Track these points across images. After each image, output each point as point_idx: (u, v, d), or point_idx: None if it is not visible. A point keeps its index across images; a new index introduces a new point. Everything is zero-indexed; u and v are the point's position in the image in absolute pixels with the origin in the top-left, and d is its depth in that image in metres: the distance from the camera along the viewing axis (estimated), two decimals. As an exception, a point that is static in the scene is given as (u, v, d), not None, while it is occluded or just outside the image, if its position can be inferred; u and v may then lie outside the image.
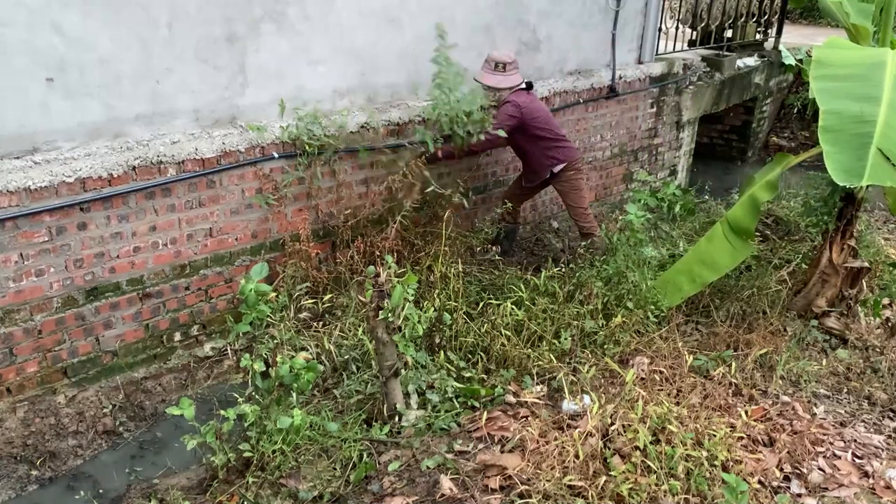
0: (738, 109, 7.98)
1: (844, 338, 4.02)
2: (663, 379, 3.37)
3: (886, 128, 2.96)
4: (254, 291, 2.98)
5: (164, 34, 3.44)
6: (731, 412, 3.19)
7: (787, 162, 4.24)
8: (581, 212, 4.88)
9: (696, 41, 7.44)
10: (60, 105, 3.24)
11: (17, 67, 3.08)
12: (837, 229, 4.07)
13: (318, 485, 2.84)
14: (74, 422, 3.37)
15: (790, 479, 2.85)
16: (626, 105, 6.05)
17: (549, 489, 2.66)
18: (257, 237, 3.98)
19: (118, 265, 3.48)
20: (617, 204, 6.22)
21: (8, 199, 3.06)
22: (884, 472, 2.89)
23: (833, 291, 4.11)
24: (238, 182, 3.81)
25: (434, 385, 3.33)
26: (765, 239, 5.33)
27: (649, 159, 6.58)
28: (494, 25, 4.94)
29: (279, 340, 3.51)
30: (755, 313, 4.13)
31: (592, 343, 3.68)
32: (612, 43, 5.78)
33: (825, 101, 3.08)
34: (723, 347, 3.79)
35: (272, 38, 3.85)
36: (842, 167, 2.90)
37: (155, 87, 3.50)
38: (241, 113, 3.86)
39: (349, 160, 4.25)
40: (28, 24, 3.07)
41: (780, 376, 3.54)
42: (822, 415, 3.30)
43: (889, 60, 3.21)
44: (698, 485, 2.69)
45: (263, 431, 2.94)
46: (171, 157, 3.50)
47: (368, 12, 4.23)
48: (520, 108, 4.47)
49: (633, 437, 2.84)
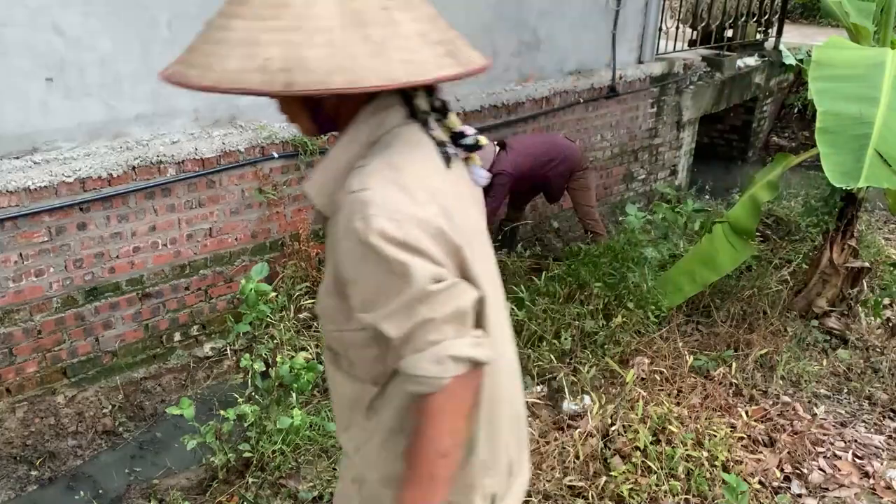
0: (739, 109, 7.97)
1: (845, 338, 4.01)
2: (664, 379, 3.37)
3: (885, 129, 2.95)
4: (254, 291, 2.97)
5: (164, 34, 3.44)
6: (731, 412, 3.18)
7: (787, 162, 4.23)
8: (589, 210, 4.91)
9: (696, 41, 7.43)
10: (60, 105, 3.24)
11: (17, 67, 3.08)
12: (838, 229, 4.07)
13: (318, 485, 2.83)
14: (74, 422, 3.37)
15: (791, 480, 2.85)
16: (626, 105, 6.05)
17: (550, 489, 2.66)
18: (257, 237, 3.98)
19: (118, 265, 3.48)
20: (617, 204, 6.22)
21: (8, 199, 3.06)
22: (884, 473, 2.89)
23: (834, 291, 4.10)
24: (238, 182, 3.80)
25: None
26: (765, 239, 5.32)
27: (649, 159, 6.57)
28: (494, 25, 4.93)
29: (279, 340, 3.51)
30: (756, 313, 4.12)
31: (593, 343, 3.68)
32: (612, 43, 5.78)
33: (823, 103, 3.07)
34: (723, 347, 3.79)
35: (272, 38, 3.84)
36: (839, 169, 2.90)
37: (155, 87, 3.50)
38: (241, 113, 3.85)
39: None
40: (28, 24, 3.06)
41: (780, 376, 3.54)
42: (822, 415, 3.30)
43: (889, 61, 3.21)
44: (699, 485, 2.69)
45: (263, 432, 2.94)
46: (171, 157, 3.50)
47: (368, 12, 4.22)
48: (507, 175, 4.40)
49: (634, 437, 2.84)
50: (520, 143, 4.60)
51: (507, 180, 4.42)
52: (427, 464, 1.20)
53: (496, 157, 4.42)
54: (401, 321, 1.14)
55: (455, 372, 1.14)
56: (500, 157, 4.43)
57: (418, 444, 1.20)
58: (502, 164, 4.41)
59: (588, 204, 4.90)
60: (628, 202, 4.79)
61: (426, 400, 1.17)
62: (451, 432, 1.20)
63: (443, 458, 1.20)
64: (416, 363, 1.15)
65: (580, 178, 4.82)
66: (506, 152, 4.46)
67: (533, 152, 4.57)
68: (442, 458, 1.20)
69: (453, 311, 1.15)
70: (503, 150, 4.48)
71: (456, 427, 1.21)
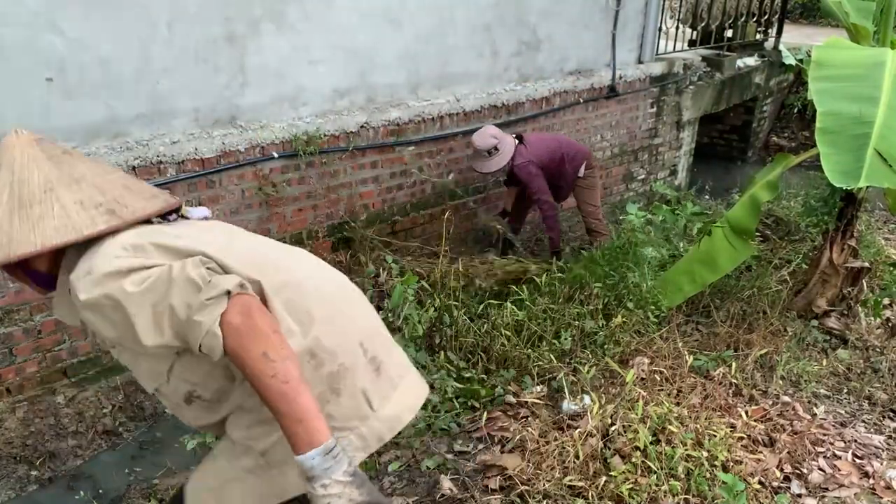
0: (739, 109, 7.98)
1: (845, 338, 4.01)
2: (663, 379, 3.36)
3: (885, 129, 2.95)
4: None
5: (164, 34, 3.44)
6: (731, 412, 3.18)
7: (787, 162, 4.23)
8: (594, 210, 4.96)
9: (696, 41, 7.43)
10: (60, 105, 3.24)
11: (17, 67, 3.08)
12: (838, 229, 4.07)
13: (317, 485, 2.83)
14: (74, 422, 3.37)
15: (790, 480, 2.85)
16: (626, 105, 6.05)
17: (550, 489, 2.66)
18: (257, 237, 3.97)
19: (118, 265, 3.48)
20: (617, 204, 6.22)
21: (8, 199, 3.06)
22: (884, 473, 2.89)
23: (833, 291, 4.10)
24: (238, 182, 3.81)
25: (434, 385, 3.33)
26: (765, 239, 5.32)
27: (649, 159, 6.58)
28: (494, 25, 4.94)
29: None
30: (755, 313, 4.12)
31: (593, 343, 3.68)
32: (612, 43, 5.78)
33: (823, 103, 3.07)
34: (723, 347, 3.79)
35: (272, 38, 3.84)
36: (839, 169, 2.90)
37: (155, 87, 3.50)
38: (240, 113, 3.85)
39: (349, 160, 4.25)
40: (28, 24, 3.07)
41: (780, 376, 3.54)
42: (822, 415, 3.30)
43: (888, 61, 3.21)
44: (698, 485, 2.69)
45: (263, 432, 2.93)
46: (171, 157, 3.50)
47: (368, 12, 4.22)
48: (534, 164, 4.51)
49: (634, 437, 2.84)
50: (535, 138, 4.71)
51: (534, 169, 4.51)
52: (272, 387, 1.36)
53: (516, 151, 4.51)
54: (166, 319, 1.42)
55: (219, 309, 1.36)
56: (519, 151, 4.52)
57: (255, 381, 1.37)
58: (524, 156, 4.51)
59: (593, 203, 4.94)
60: (628, 202, 4.80)
61: (227, 347, 1.37)
62: (266, 349, 1.37)
63: (276, 376, 1.36)
64: (193, 330, 1.38)
65: (589, 176, 4.88)
66: (524, 146, 4.56)
67: (548, 146, 4.69)
68: (274, 376, 1.35)
69: (184, 284, 1.39)
70: (521, 144, 4.57)
71: (263, 345, 1.37)
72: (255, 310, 1.40)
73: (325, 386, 1.55)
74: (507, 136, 4.51)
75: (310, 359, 1.53)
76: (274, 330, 1.41)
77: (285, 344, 1.41)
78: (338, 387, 1.57)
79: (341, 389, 1.57)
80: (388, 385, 1.66)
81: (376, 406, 1.62)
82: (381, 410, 1.62)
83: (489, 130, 4.48)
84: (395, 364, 1.73)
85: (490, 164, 4.46)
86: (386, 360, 1.68)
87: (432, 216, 4.81)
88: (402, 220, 4.68)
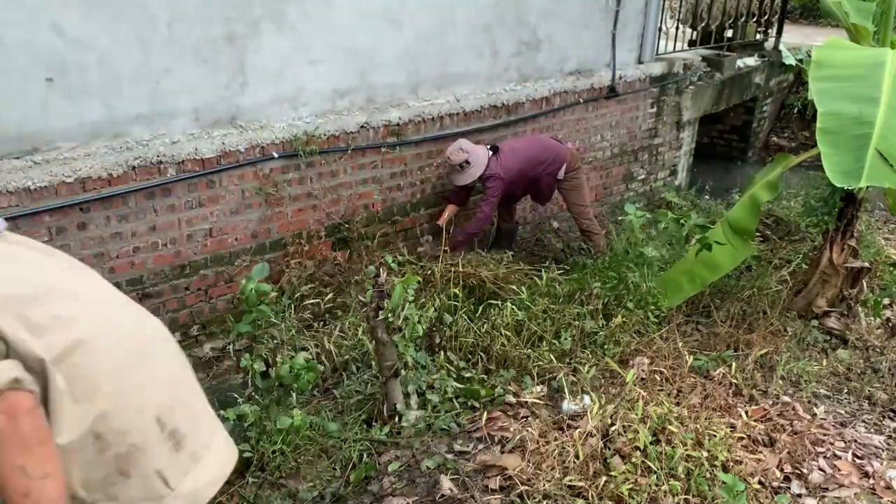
0: (739, 109, 7.98)
1: (845, 338, 4.01)
2: (663, 379, 3.37)
3: (885, 129, 2.95)
4: (254, 291, 2.98)
5: (164, 34, 3.44)
6: (731, 412, 3.18)
7: (787, 162, 4.23)
8: (583, 209, 4.93)
9: (696, 41, 7.43)
10: (60, 105, 3.24)
11: (17, 67, 3.08)
12: (838, 229, 4.07)
13: (318, 485, 2.84)
14: (74, 422, 3.37)
15: (790, 480, 2.85)
16: (626, 105, 6.05)
17: (550, 489, 2.67)
18: (257, 237, 3.98)
19: (118, 265, 3.48)
20: (617, 204, 6.22)
21: (8, 199, 3.06)
22: (884, 473, 2.89)
23: (833, 291, 4.10)
24: (238, 182, 3.81)
25: (434, 385, 3.33)
26: (765, 239, 5.33)
27: (649, 159, 6.57)
28: (494, 25, 4.94)
29: (279, 340, 3.51)
30: (755, 313, 4.12)
31: (592, 343, 3.68)
32: (612, 43, 5.78)
33: (824, 103, 3.07)
34: (723, 347, 3.79)
35: (272, 38, 3.84)
36: (840, 169, 2.90)
37: (155, 87, 3.50)
38: (241, 113, 3.85)
39: (349, 160, 4.25)
40: (28, 24, 3.06)
41: (780, 376, 3.54)
42: (822, 415, 3.30)
43: (888, 61, 3.21)
44: (698, 485, 2.69)
45: (263, 432, 2.94)
46: (171, 157, 3.50)
47: (368, 12, 4.22)
48: (500, 179, 4.50)
49: (634, 437, 2.84)
50: (510, 147, 4.67)
51: (498, 183, 4.50)
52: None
53: (489, 162, 4.50)
54: None
55: None
56: (491, 162, 4.51)
57: (5, 495, 1.26)
58: (493, 168, 4.50)
59: (581, 204, 4.92)
60: (628, 202, 4.79)
61: None
62: (25, 463, 1.25)
63: (28, 495, 1.25)
64: None
65: (572, 178, 4.84)
66: (497, 157, 4.54)
67: (523, 155, 4.64)
68: (27, 495, 1.25)
69: None
70: (494, 155, 4.55)
71: (23, 458, 1.25)
72: (24, 413, 1.26)
73: (112, 468, 1.43)
74: (478, 149, 4.50)
75: (94, 441, 1.41)
76: (41, 441, 1.28)
77: (51, 460, 1.29)
78: (127, 468, 1.45)
79: (131, 471, 1.45)
80: (190, 459, 1.55)
81: (174, 484, 1.51)
82: (180, 488, 1.52)
83: (461, 145, 4.49)
84: (201, 432, 1.61)
85: (464, 177, 4.47)
86: (188, 430, 1.56)
87: (432, 216, 4.81)
88: (402, 220, 4.68)
